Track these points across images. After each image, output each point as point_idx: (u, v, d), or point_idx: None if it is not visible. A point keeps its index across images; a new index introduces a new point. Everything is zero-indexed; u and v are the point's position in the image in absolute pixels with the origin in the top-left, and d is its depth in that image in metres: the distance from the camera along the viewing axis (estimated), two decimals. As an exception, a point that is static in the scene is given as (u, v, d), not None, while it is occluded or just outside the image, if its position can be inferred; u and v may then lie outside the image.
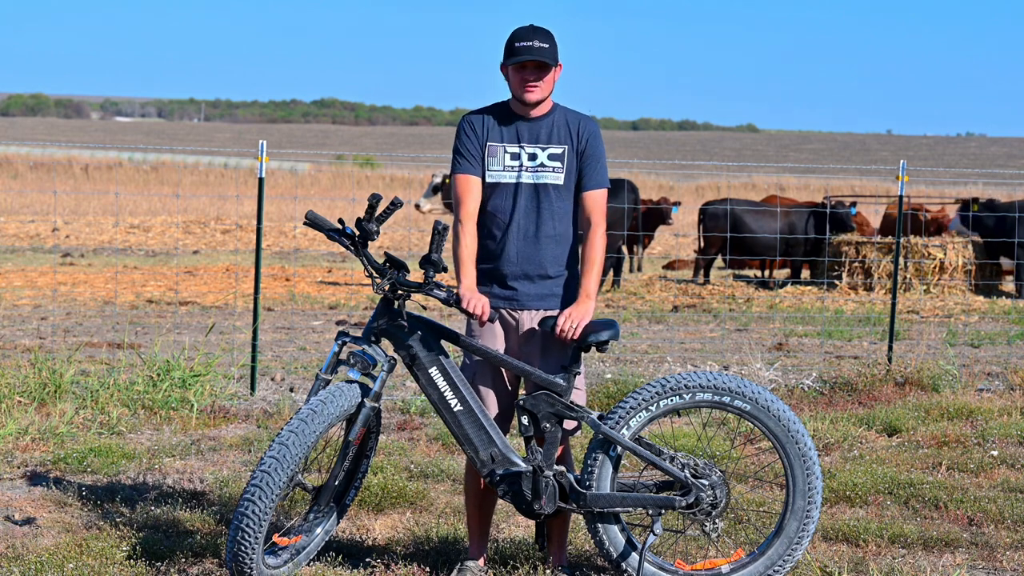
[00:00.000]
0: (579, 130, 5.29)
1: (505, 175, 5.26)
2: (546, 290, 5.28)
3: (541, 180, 5.26)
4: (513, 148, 5.27)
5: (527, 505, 5.15)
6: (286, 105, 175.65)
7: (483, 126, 5.29)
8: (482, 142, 5.27)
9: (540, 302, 5.26)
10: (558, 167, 5.26)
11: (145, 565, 5.33)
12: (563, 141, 5.27)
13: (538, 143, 5.27)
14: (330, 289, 16.99)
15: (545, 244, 5.25)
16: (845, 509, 6.60)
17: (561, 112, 5.32)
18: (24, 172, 40.47)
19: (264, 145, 9.44)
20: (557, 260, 5.28)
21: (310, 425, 4.89)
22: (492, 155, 5.28)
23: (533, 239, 5.24)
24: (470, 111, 5.40)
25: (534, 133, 5.27)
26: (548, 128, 5.27)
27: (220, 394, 8.78)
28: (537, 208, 5.25)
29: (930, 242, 18.68)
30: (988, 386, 10.22)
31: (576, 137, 5.28)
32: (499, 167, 5.27)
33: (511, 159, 5.26)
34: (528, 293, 5.26)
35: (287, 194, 34.81)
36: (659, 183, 47.44)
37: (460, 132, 5.32)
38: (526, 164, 5.26)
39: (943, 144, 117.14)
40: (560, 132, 5.28)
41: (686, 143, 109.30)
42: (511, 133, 5.27)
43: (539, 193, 5.25)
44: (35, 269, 18.08)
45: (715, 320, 14.70)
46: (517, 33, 5.22)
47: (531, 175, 5.26)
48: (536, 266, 5.25)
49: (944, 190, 40.88)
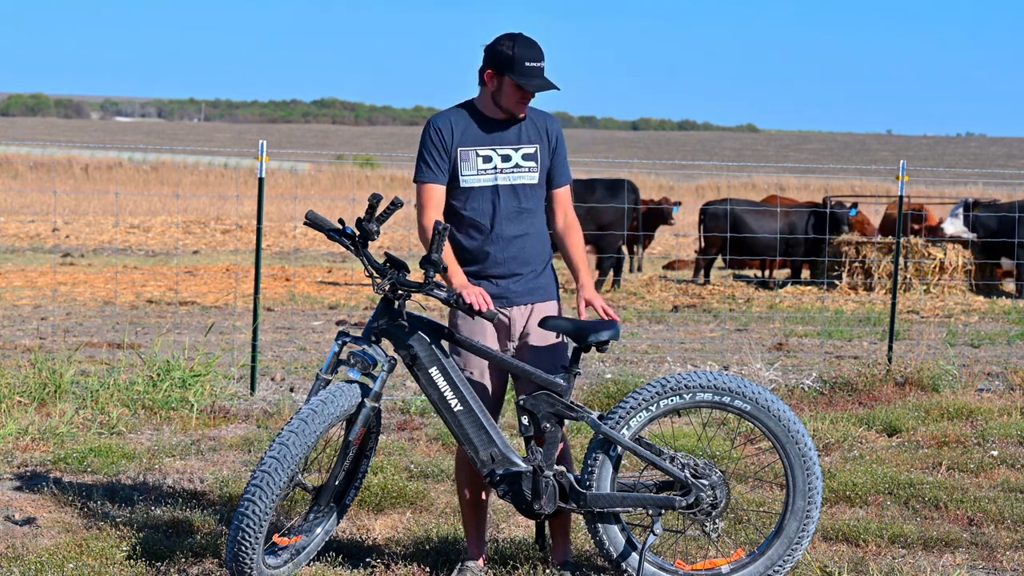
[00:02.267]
0: (548, 129, 5.33)
1: (480, 179, 5.26)
2: (533, 284, 5.32)
3: (518, 181, 5.28)
4: (485, 151, 5.27)
5: (527, 505, 5.15)
6: (286, 105, 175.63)
7: (451, 131, 5.26)
8: (451, 148, 5.25)
9: (529, 296, 5.31)
10: (533, 166, 5.29)
11: (145, 565, 5.33)
12: (534, 140, 5.30)
13: (510, 144, 5.28)
14: (330, 289, 16.99)
15: (528, 242, 5.30)
16: (845, 509, 6.60)
17: (527, 112, 5.32)
18: (24, 172, 40.46)
19: (264, 145, 9.44)
20: (540, 255, 5.34)
21: (310, 425, 4.89)
22: (464, 160, 5.26)
23: (517, 239, 5.27)
24: (436, 114, 5.37)
25: (505, 135, 5.27)
26: (518, 128, 5.29)
27: (220, 394, 8.78)
28: (517, 208, 5.28)
29: (930, 242, 18.68)
30: (988, 386, 10.22)
31: (547, 136, 5.32)
32: (472, 171, 5.26)
33: (483, 162, 5.26)
34: (517, 290, 5.29)
35: (287, 194, 34.80)
36: (659, 183, 47.43)
37: (426, 138, 5.27)
38: (500, 166, 5.27)
39: (943, 144, 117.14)
40: (530, 132, 5.30)
41: (686, 143, 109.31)
42: (481, 136, 5.26)
43: (516, 193, 5.28)
44: (35, 269, 18.08)
45: (715, 320, 14.70)
46: (523, 48, 5.14)
47: (507, 176, 5.27)
48: (522, 264, 5.29)
49: (944, 190, 40.85)
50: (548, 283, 5.38)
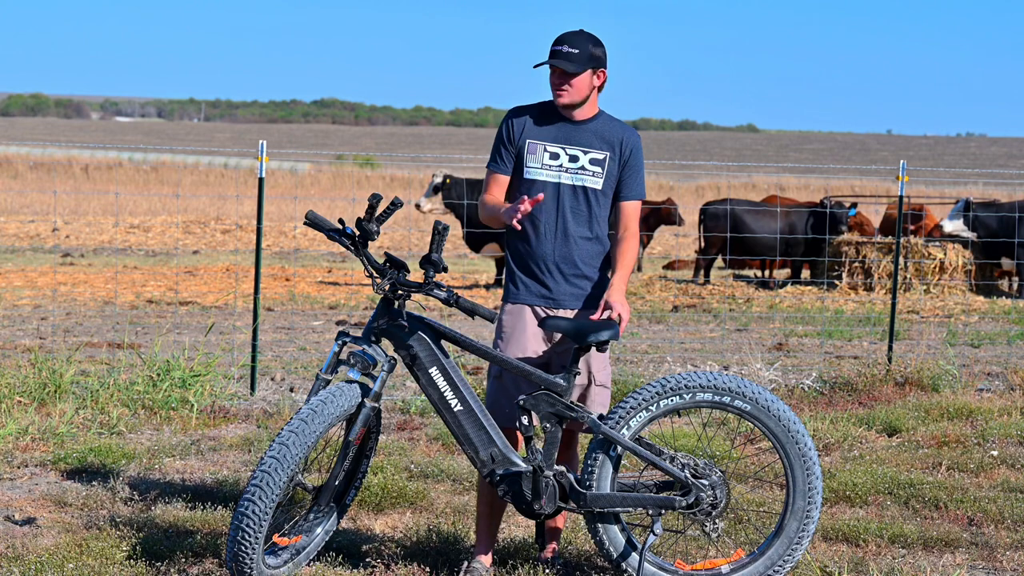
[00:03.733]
0: (623, 140, 5.34)
1: (543, 173, 5.31)
2: (581, 289, 5.32)
3: (580, 183, 5.30)
4: (554, 148, 5.31)
5: (527, 505, 5.15)
6: (286, 105, 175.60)
7: (525, 123, 5.34)
8: (521, 139, 5.32)
9: (576, 301, 5.31)
10: (598, 172, 5.31)
11: (145, 565, 5.33)
12: (605, 148, 5.32)
13: (580, 146, 5.30)
14: (330, 289, 16.99)
15: (581, 244, 5.30)
16: (845, 509, 6.60)
17: (606, 119, 5.36)
18: (24, 172, 40.47)
19: (264, 145, 9.44)
20: (592, 261, 5.34)
21: (310, 425, 4.89)
22: (531, 152, 5.32)
23: (570, 239, 5.29)
24: (517, 105, 5.45)
25: (577, 136, 5.31)
26: (591, 133, 5.32)
27: (220, 394, 8.78)
28: (575, 209, 5.29)
29: (930, 242, 18.69)
30: (988, 386, 10.22)
31: (620, 146, 5.33)
32: (537, 164, 5.31)
33: (550, 158, 5.31)
34: (564, 292, 5.30)
35: (287, 194, 34.80)
36: (659, 183, 47.42)
37: (501, 126, 5.40)
38: (566, 165, 5.30)
39: (943, 144, 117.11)
40: (603, 138, 5.32)
41: (686, 143, 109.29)
42: (553, 133, 5.32)
43: (578, 195, 5.30)
44: (35, 269, 18.08)
45: (715, 320, 14.70)
46: (558, 37, 5.29)
47: (571, 176, 5.30)
48: (571, 265, 5.30)
49: (944, 190, 40.86)
50: (597, 294, 5.34)
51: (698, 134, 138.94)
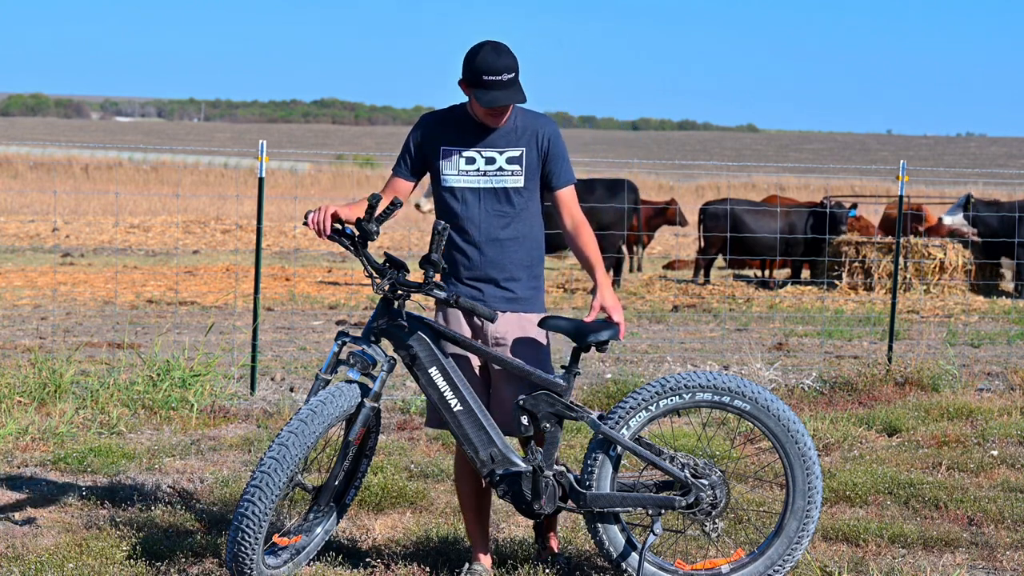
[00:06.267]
0: (538, 132, 5.24)
1: (461, 180, 5.23)
2: (512, 293, 5.26)
3: (501, 184, 5.23)
4: (469, 153, 5.23)
5: (527, 505, 5.15)
6: (286, 105, 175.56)
7: (437, 130, 5.25)
8: (434, 146, 5.24)
9: (507, 304, 5.24)
10: (517, 170, 5.23)
11: (145, 565, 5.33)
12: (521, 144, 5.23)
13: (495, 147, 5.23)
14: (330, 289, 16.99)
15: (509, 247, 5.24)
16: (845, 509, 6.60)
17: (518, 114, 5.27)
18: (24, 172, 40.46)
19: (264, 145, 9.44)
20: (522, 262, 5.27)
21: (310, 425, 4.89)
22: (446, 159, 5.24)
23: (496, 243, 5.22)
24: (428, 112, 5.38)
25: (492, 137, 5.22)
26: (505, 131, 5.23)
27: (220, 394, 8.78)
28: (500, 212, 5.22)
29: (930, 242, 18.69)
30: (988, 386, 10.22)
31: (537, 139, 5.24)
32: (454, 171, 5.24)
33: (466, 163, 5.23)
34: (494, 296, 5.24)
35: (287, 194, 34.79)
36: (659, 183, 47.42)
37: (409, 135, 5.31)
38: (484, 169, 5.22)
39: (943, 144, 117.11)
40: (518, 135, 5.23)
41: (686, 143, 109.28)
42: (468, 138, 5.22)
43: (500, 197, 5.22)
44: (35, 269, 18.08)
45: (715, 320, 14.70)
46: (482, 61, 5.06)
47: (490, 180, 5.22)
48: (500, 270, 5.24)
49: (944, 190, 40.86)
50: (532, 295, 5.29)
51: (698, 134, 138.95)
